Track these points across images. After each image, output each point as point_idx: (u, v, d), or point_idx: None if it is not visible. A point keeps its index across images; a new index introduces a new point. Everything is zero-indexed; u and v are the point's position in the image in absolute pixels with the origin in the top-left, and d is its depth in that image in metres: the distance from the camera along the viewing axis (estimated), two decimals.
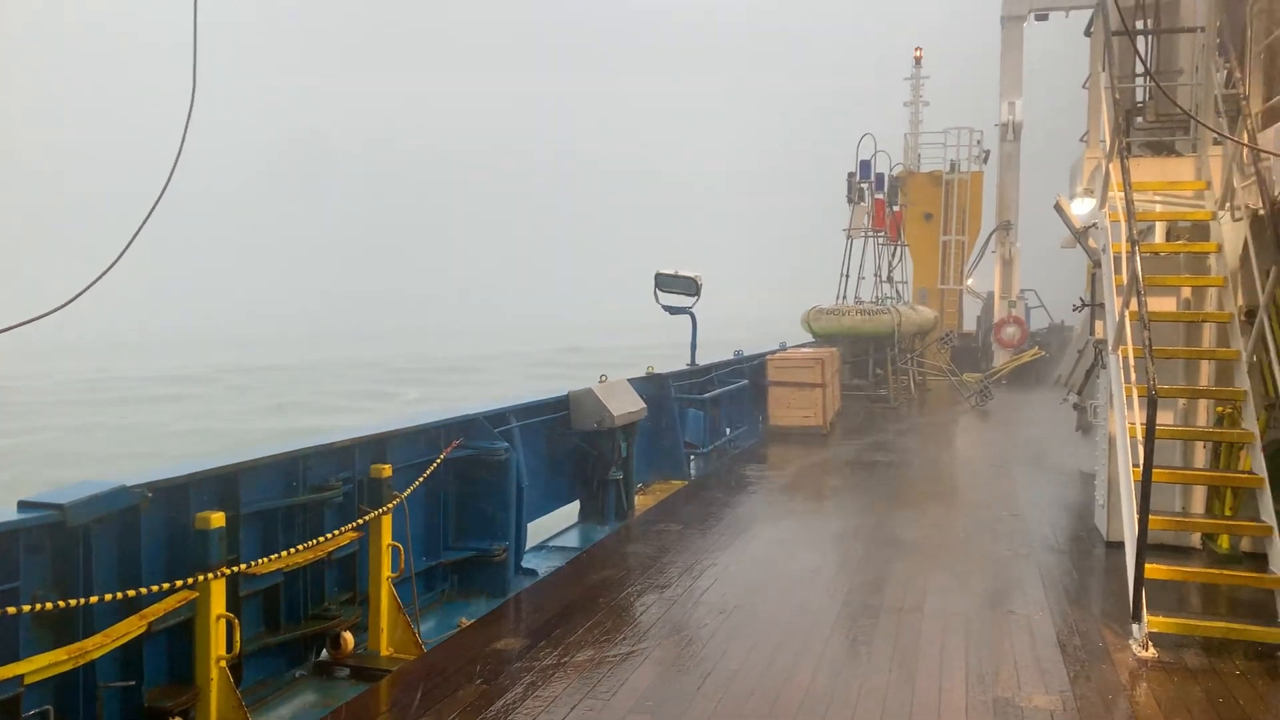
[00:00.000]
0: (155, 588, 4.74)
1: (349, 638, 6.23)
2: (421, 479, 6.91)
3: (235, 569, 5.25)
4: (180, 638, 5.11)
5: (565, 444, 9.65)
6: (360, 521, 6.19)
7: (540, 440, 9.23)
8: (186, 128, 4.62)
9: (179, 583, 4.84)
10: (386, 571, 6.32)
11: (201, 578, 4.91)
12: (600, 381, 10.07)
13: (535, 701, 5.27)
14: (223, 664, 4.99)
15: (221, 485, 5.55)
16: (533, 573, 8.05)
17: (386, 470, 6.47)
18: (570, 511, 10.17)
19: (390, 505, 6.37)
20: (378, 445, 6.84)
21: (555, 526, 9.94)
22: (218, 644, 4.99)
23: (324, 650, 6.28)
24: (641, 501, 10.87)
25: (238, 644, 5.10)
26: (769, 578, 7.78)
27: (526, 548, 8.55)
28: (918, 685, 5.57)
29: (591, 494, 10.02)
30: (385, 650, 6.26)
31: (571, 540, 9.54)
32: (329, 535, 6.00)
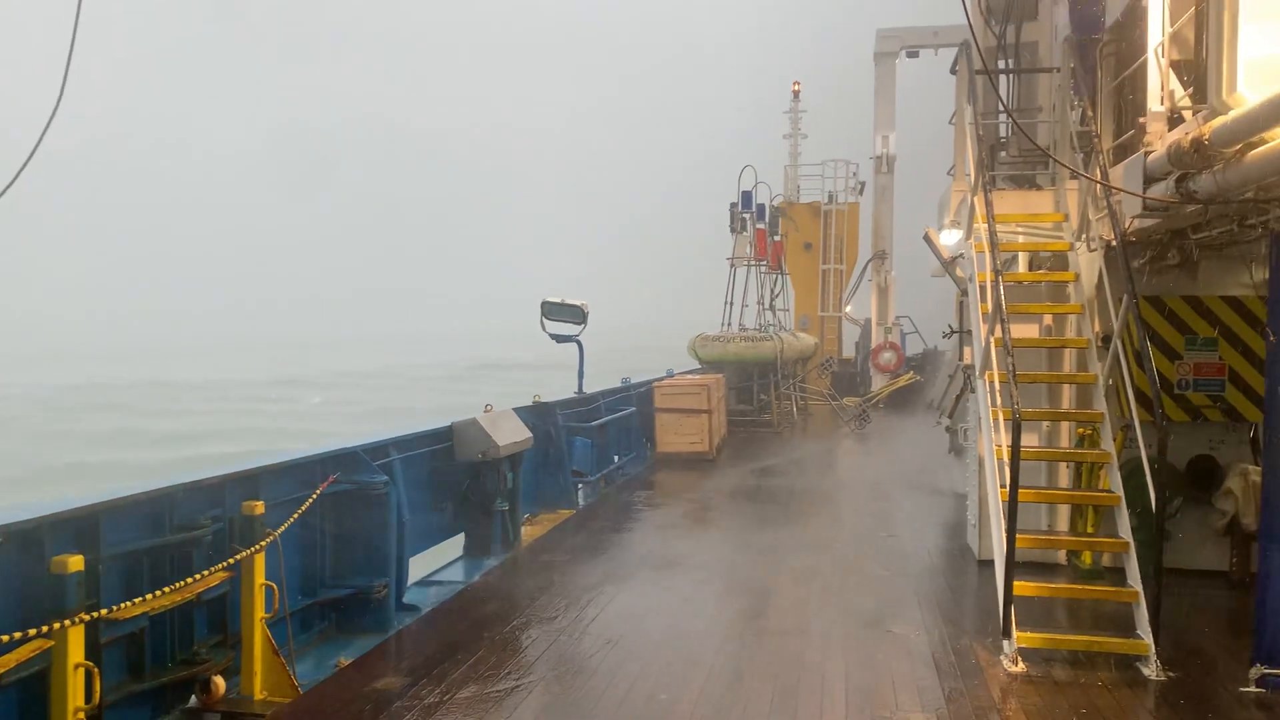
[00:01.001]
0: (6, 637, 4.46)
1: (220, 682, 5.98)
2: (296, 515, 6.70)
3: (95, 614, 4.99)
4: (34, 689, 4.82)
5: (449, 475, 9.50)
6: (231, 561, 5.97)
7: (422, 472, 9.06)
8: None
9: (32, 631, 4.57)
10: (260, 612, 6.09)
11: (57, 625, 4.65)
12: (485, 411, 9.97)
13: None
14: (81, 715, 4.73)
15: (80, 526, 5.28)
16: (415, 609, 7.88)
17: (259, 507, 6.26)
18: (455, 545, 10.00)
19: (263, 543, 6.16)
20: (250, 481, 6.62)
21: (439, 560, 9.76)
22: (75, 694, 4.72)
23: (193, 696, 6.01)
24: (528, 532, 10.77)
25: (97, 693, 4.84)
26: (656, 605, 7.79)
27: (408, 583, 8.37)
28: (799, 707, 5.65)
29: (477, 526, 9.87)
30: (259, 694, 6.02)
31: (456, 574, 9.38)
32: (198, 576, 5.77)
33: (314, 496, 6.99)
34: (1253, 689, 5.93)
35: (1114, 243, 7.44)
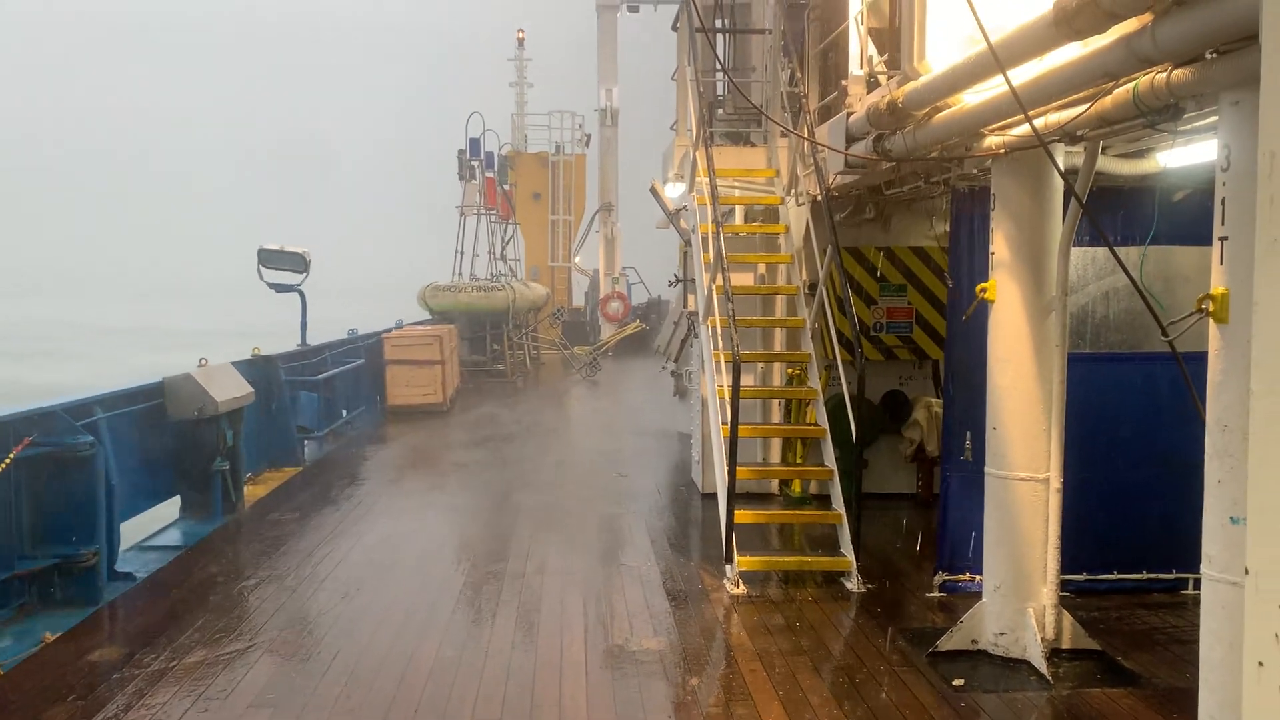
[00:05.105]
0: None
1: None
2: None
3: None
4: None
5: (162, 435, 8.89)
6: None
7: (132, 432, 8.43)
8: None
9: None
10: None
11: None
12: (200, 365, 9.38)
13: (141, 711, 4.88)
14: None
15: None
16: (130, 576, 7.38)
17: None
18: (171, 508, 9.40)
19: None
20: None
21: (154, 525, 9.16)
22: None
23: None
24: (252, 491, 10.30)
25: None
26: (393, 557, 7.73)
27: (121, 549, 7.81)
28: (540, 643, 5.84)
29: (194, 487, 9.31)
30: None
31: (173, 538, 8.83)
32: None
33: (6, 462, 6.35)
34: (936, 594, 6.75)
35: (819, 197, 8.05)
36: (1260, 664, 2.41)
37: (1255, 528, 2.44)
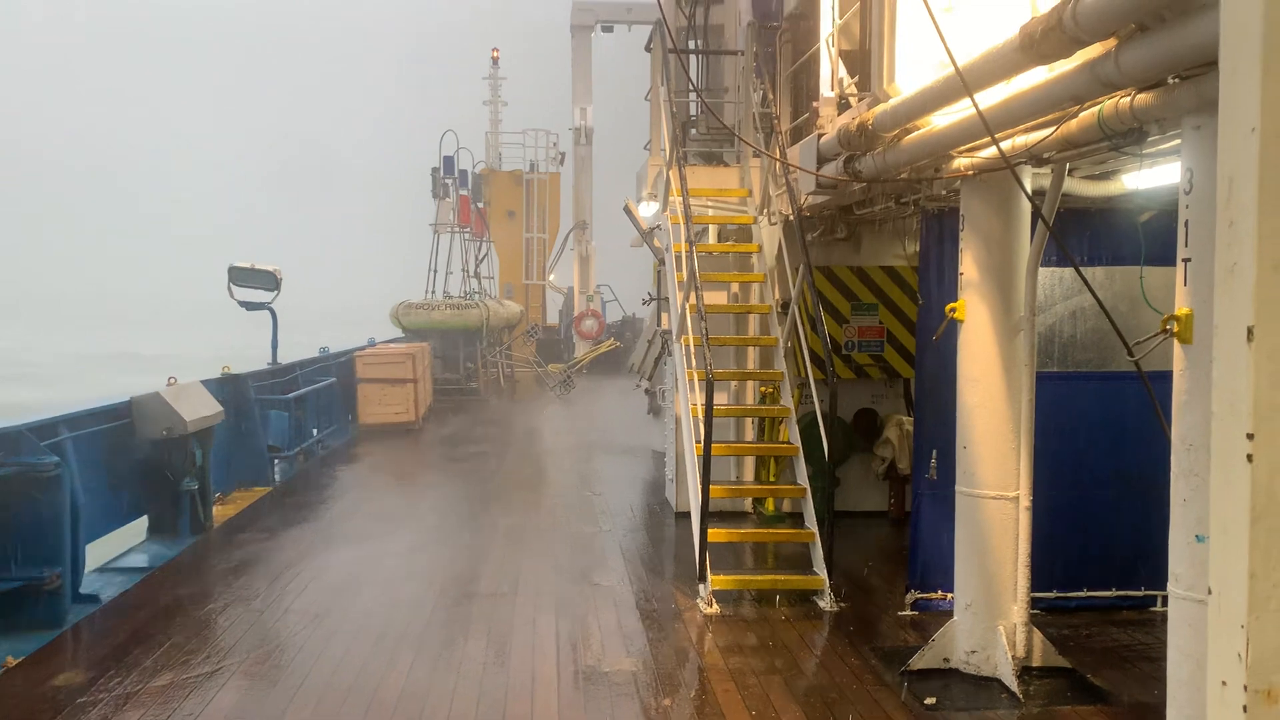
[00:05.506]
0: None
1: None
2: None
3: None
4: None
5: (130, 455, 8.78)
6: None
7: (99, 452, 8.32)
8: None
9: None
10: None
11: None
12: (169, 384, 9.28)
13: None
14: None
15: None
16: (95, 599, 7.27)
17: None
18: (138, 528, 9.28)
19: None
20: None
21: (121, 546, 9.03)
22: None
23: None
24: (221, 511, 10.19)
25: None
26: (363, 578, 7.66)
27: (86, 571, 7.69)
28: (512, 665, 5.80)
29: (162, 508, 9.21)
30: None
31: (140, 560, 8.71)
32: None
33: None
34: (909, 612, 6.77)
35: (791, 217, 8.11)
36: (1223, 683, 2.43)
37: (1218, 547, 2.47)
